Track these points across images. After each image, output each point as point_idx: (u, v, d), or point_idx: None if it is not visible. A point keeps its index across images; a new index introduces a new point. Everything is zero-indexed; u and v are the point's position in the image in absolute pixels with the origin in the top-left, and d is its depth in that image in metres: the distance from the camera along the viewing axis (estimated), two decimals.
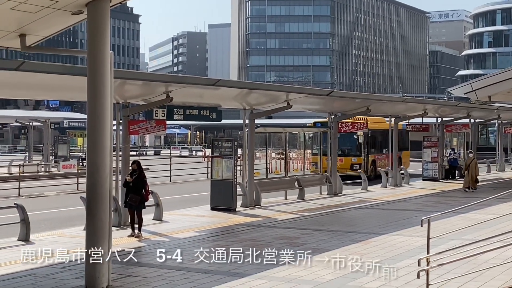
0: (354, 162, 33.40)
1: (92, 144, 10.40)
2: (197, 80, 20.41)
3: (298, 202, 22.76)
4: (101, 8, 10.19)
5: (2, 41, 11.14)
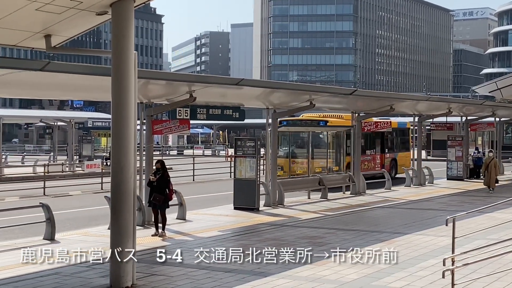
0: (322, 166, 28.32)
1: (117, 143, 10.47)
2: (220, 79, 20.47)
3: (321, 202, 22.70)
4: (125, 9, 10.25)
5: (27, 41, 11.25)
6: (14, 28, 10.57)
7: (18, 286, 10.31)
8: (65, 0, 9.71)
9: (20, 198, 24.85)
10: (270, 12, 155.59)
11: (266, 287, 10.17)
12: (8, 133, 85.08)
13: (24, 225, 15.65)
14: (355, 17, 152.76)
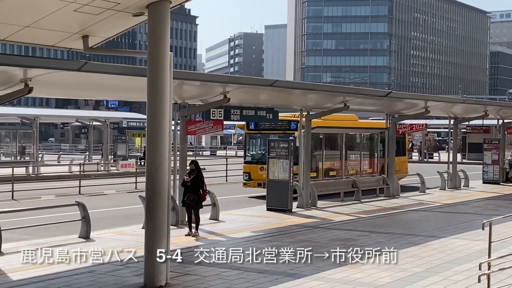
0: (294, 172, 22.54)
1: (152, 143, 10.55)
2: (254, 80, 20.50)
3: (354, 204, 22.58)
4: (162, 10, 10.34)
5: (65, 42, 11.40)
6: (52, 29, 10.72)
7: (54, 283, 10.43)
8: (102, 2, 9.83)
9: (56, 197, 25.17)
10: (304, 13, 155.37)
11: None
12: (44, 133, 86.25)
13: (60, 223, 15.83)
14: (390, 18, 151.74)
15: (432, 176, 29.67)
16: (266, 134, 25.14)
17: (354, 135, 28.09)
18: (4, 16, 9.85)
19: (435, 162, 51.78)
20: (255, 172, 25.61)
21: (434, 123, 57.27)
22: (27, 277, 10.68)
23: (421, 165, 46.01)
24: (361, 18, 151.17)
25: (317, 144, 25.11)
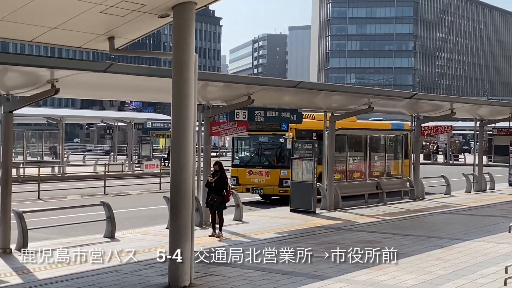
0: (284, 177, 23.03)
1: (177, 144, 10.60)
2: (279, 82, 20.51)
3: (378, 206, 22.49)
4: (187, 11, 10.38)
5: (91, 43, 11.49)
6: (79, 30, 10.82)
7: (80, 282, 10.52)
8: (128, 3, 9.90)
9: (81, 196, 25.38)
10: (328, 15, 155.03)
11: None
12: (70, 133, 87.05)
13: (85, 223, 15.97)
14: (415, 19, 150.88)
15: (458, 178, 29.45)
16: (256, 136, 24.03)
17: (379, 136, 27.91)
18: (32, 18, 9.97)
19: (460, 164, 51.30)
20: (243, 176, 24.01)
21: (460, 125, 56.82)
22: (53, 276, 10.78)
23: (446, 167, 45.72)
24: (385, 20, 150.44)
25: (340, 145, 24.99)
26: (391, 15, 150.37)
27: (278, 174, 23.37)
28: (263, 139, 24.32)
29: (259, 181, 23.62)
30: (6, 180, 13.07)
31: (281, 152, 23.91)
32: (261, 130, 24.02)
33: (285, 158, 23.33)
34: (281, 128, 23.27)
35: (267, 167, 23.82)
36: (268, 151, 24.59)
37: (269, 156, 24.38)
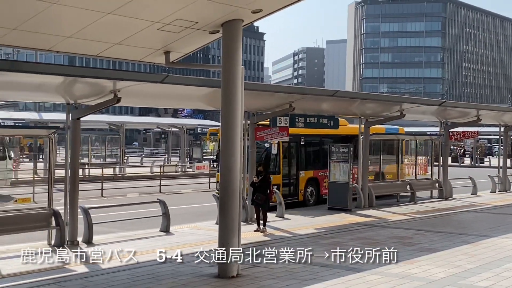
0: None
1: (225, 148, 10.66)
2: (317, 91, 20.50)
3: (409, 205, 22.22)
4: (235, 28, 10.44)
5: (150, 57, 11.63)
6: (139, 46, 10.97)
7: (139, 272, 10.64)
8: (183, 21, 10.01)
9: (139, 194, 25.65)
10: (362, 29, 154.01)
11: (359, 281, 10.06)
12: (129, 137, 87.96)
13: (143, 218, 16.14)
14: (443, 33, 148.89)
15: (483, 179, 28.90)
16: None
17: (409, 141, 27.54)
18: (98, 35, 10.14)
19: (485, 167, 50.39)
20: None
21: (485, 131, 55.82)
22: (115, 265, 10.91)
23: (472, 170, 44.93)
24: (416, 33, 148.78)
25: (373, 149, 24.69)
26: (421, 29, 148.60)
27: None
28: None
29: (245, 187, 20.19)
30: (74, 179, 13.32)
31: (267, 158, 20.69)
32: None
33: (271, 164, 20.43)
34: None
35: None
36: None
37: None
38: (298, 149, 21.78)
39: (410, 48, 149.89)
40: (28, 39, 10.01)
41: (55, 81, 11.91)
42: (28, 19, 8.99)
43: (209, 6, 9.60)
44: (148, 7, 9.32)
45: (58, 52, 10.63)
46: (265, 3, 9.99)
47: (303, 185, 21.71)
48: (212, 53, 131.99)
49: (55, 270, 10.63)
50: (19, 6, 8.56)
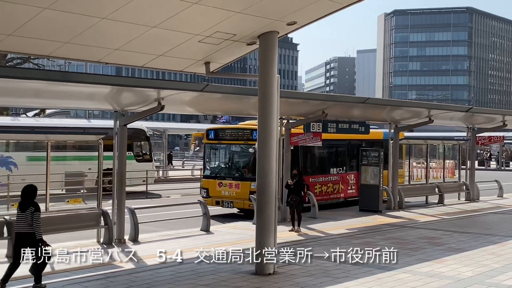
0: (255, 190, 16.15)
1: (262, 152, 10.68)
2: (349, 98, 20.40)
3: (437, 207, 21.92)
4: (271, 39, 10.47)
5: (191, 67, 11.71)
6: (181, 57, 11.07)
7: (181, 268, 10.70)
8: (222, 34, 10.07)
9: (181, 196, 25.84)
10: (392, 39, 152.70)
11: (390, 279, 9.96)
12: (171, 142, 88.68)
13: (185, 218, 16.26)
14: (469, 42, 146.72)
15: (509, 182, 28.35)
16: (228, 145, 19.54)
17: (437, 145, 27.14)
18: (143, 47, 10.27)
19: (511, 170, 49.47)
20: (213, 188, 19.18)
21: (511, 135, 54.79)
22: (159, 262, 11.01)
23: (498, 173, 44.07)
24: (443, 43, 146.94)
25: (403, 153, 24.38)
26: (448, 39, 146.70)
27: (248, 186, 18.32)
28: (234, 149, 19.51)
29: (229, 194, 18.83)
30: (121, 181, 13.49)
31: (252, 163, 18.57)
32: (233, 139, 19.49)
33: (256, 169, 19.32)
34: (253, 137, 18.26)
35: (237, 179, 18.93)
36: (239, 161, 19.67)
37: (239, 167, 19.45)
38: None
39: (438, 57, 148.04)
40: (80, 51, 10.19)
41: (104, 90, 12.12)
42: (80, 33, 9.17)
43: (247, 19, 9.65)
44: (190, 21, 9.41)
45: (107, 63, 10.80)
46: (299, 16, 9.99)
47: None
48: (249, 63, 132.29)
49: (104, 266, 10.77)
50: (72, 21, 8.73)
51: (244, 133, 19.30)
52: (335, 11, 9.87)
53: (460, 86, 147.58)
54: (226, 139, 19.57)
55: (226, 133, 19.62)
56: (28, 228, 8.90)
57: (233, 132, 19.53)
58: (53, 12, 8.15)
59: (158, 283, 9.69)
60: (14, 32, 8.73)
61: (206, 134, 20.08)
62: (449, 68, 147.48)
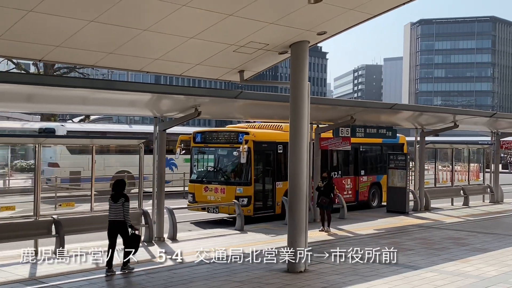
0: (240, 194, 17.00)
1: (293, 156, 10.66)
2: (377, 104, 20.25)
3: (463, 208, 21.56)
4: (302, 48, 10.47)
5: (226, 76, 11.78)
6: (217, 66, 11.14)
7: (216, 265, 10.68)
8: (255, 43, 10.11)
9: None
10: (418, 47, 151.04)
11: (416, 278, 9.83)
12: None
13: (221, 218, 16.30)
14: (493, 50, 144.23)
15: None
16: (215, 148, 18.03)
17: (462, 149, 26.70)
18: (182, 57, 10.37)
19: None
20: (199, 193, 17.64)
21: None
22: (195, 259, 11.06)
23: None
24: (467, 50, 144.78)
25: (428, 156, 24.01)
26: (472, 47, 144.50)
27: (233, 191, 17.04)
28: (220, 152, 18.01)
29: (215, 199, 17.39)
30: (160, 183, 13.61)
31: (237, 167, 17.55)
32: (220, 142, 18.02)
33: (241, 174, 17.30)
34: (238, 140, 17.20)
35: (222, 183, 17.38)
36: (224, 165, 18.08)
37: (225, 171, 17.89)
38: (275, 158, 17.79)
39: (462, 64, 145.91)
40: (122, 61, 10.34)
41: (145, 97, 12.27)
42: (123, 44, 9.30)
43: (279, 29, 9.67)
44: (225, 31, 9.47)
45: (147, 72, 10.93)
46: (329, 26, 9.97)
47: (281, 197, 17.24)
48: (280, 70, 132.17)
49: (145, 263, 10.89)
50: (115, 33, 8.87)
51: (230, 136, 17.81)
52: (363, 21, 9.83)
53: (484, 92, 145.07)
54: (212, 142, 18.16)
55: (213, 136, 18.20)
56: (120, 216, 10.02)
57: (220, 135, 18.09)
58: (98, 24, 8.30)
59: (195, 279, 9.74)
60: (62, 43, 8.91)
61: (193, 137, 18.58)
62: (473, 74, 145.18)
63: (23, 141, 16.43)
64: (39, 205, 11.68)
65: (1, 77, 9.97)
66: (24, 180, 24.68)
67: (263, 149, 17.47)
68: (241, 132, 17.50)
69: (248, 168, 16.97)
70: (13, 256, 11.17)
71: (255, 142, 17.11)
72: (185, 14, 8.40)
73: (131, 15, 8.31)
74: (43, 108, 16.56)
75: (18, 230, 11.32)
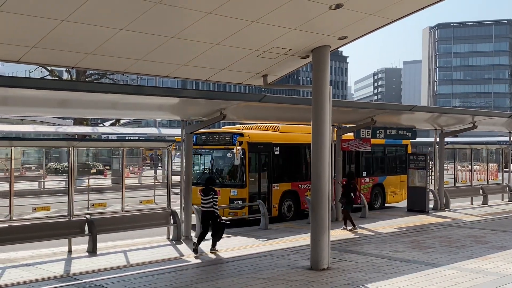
0: (235, 197, 16.08)
1: (316, 157, 10.61)
2: (397, 106, 20.03)
3: (482, 207, 21.23)
4: (323, 53, 10.42)
5: (250, 80, 11.79)
6: (241, 71, 11.16)
7: (242, 263, 10.75)
8: (278, 49, 10.11)
9: None
10: (436, 51, 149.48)
11: (437, 275, 9.70)
12: None
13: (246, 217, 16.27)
14: (510, 52, 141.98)
15: None
16: (209, 150, 17.00)
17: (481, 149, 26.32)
18: (207, 62, 10.41)
19: None
20: (194, 195, 14.61)
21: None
22: (222, 257, 11.09)
23: None
24: (485, 53, 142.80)
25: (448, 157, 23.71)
26: (490, 50, 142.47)
27: (228, 193, 16.08)
28: (215, 154, 17.04)
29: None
30: (188, 184, 13.67)
31: (232, 169, 16.58)
32: (215, 143, 16.93)
33: (236, 176, 16.28)
34: (233, 142, 16.38)
35: (217, 185, 15.01)
36: (219, 167, 17.10)
37: (219, 173, 16.83)
38: (271, 160, 16.87)
39: (480, 67, 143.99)
40: (151, 67, 10.42)
41: (173, 101, 12.34)
42: (151, 51, 9.38)
43: (301, 35, 9.65)
44: (249, 37, 9.49)
45: (175, 77, 10.99)
46: (349, 31, 9.92)
47: (278, 199, 16.72)
48: (302, 74, 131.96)
49: (173, 261, 10.95)
50: (144, 40, 8.94)
51: (225, 138, 16.77)
52: (383, 25, 9.76)
53: (502, 93, 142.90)
54: (208, 143, 17.05)
55: (208, 137, 17.06)
56: (210, 207, 11.52)
57: (215, 137, 17.01)
58: (128, 33, 8.38)
59: (222, 276, 9.76)
60: (94, 51, 9.01)
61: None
62: (491, 77, 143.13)
63: (57, 144, 16.62)
64: (73, 205, 11.82)
65: (36, 84, 10.12)
66: (58, 182, 25.01)
67: (258, 151, 16.60)
68: (235, 133, 16.63)
69: (243, 170, 16.02)
70: (48, 254, 11.34)
71: (249, 143, 16.25)
72: (211, 22, 8.43)
73: (159, 23, 8.37)
74: (75, 113, 16.76)
75: (52, 229, 11.47)
